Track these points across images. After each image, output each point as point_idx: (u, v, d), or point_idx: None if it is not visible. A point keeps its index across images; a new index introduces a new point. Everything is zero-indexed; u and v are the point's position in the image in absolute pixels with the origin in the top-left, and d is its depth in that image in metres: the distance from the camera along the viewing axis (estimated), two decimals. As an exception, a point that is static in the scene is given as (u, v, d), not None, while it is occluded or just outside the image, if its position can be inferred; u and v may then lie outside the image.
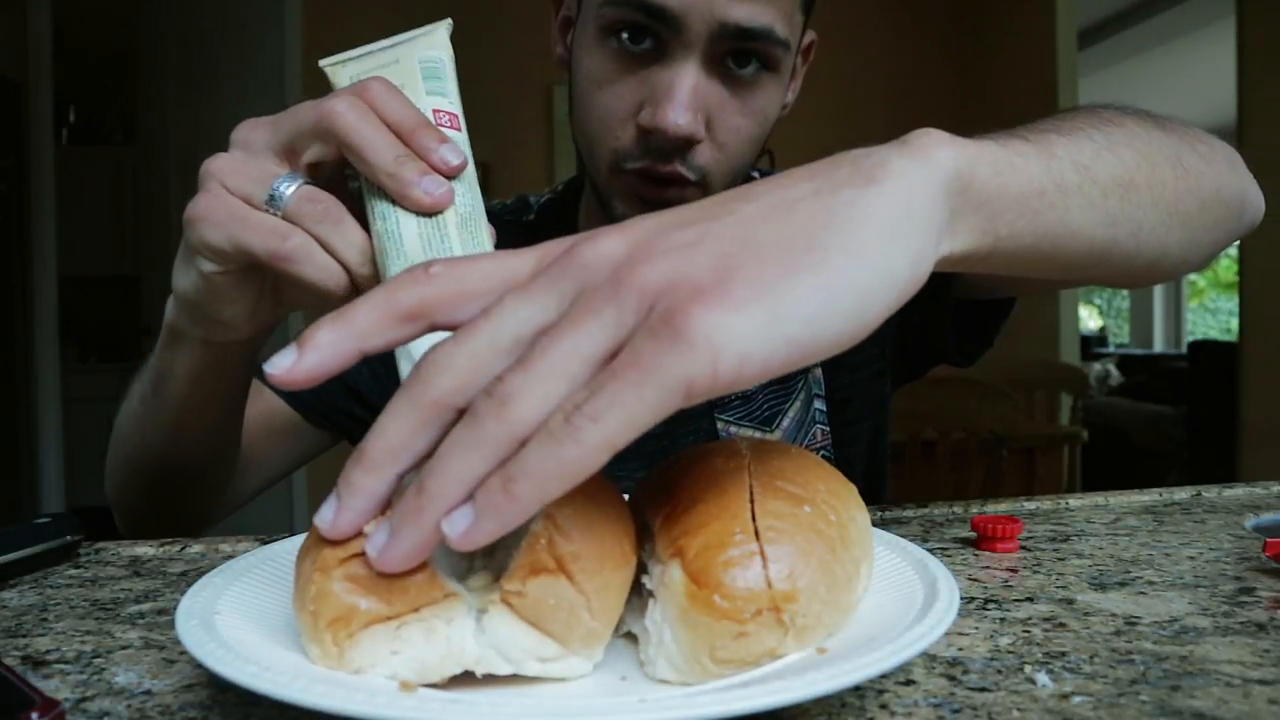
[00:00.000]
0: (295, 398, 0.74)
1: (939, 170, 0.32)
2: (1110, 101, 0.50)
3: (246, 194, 0.45)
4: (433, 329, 0.31)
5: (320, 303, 0.45)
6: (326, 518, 0.30)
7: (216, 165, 0.45)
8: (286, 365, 0.30)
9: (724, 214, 0.30)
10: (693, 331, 0.26)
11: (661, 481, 0.36)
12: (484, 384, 0.28)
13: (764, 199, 0.31)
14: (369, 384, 0.75)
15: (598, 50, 0.62)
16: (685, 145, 0.61)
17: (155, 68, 3.57)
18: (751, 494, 0.33)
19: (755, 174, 0.81)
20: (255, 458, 0.73)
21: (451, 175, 0.44)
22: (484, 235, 0.44)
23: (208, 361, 0.55)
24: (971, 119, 4.01)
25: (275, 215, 0.44)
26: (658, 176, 0.62)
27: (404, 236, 0.42)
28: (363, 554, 0.30)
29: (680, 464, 0.37)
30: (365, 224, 0.44)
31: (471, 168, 0.45)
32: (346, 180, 0.48)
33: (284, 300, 0.50)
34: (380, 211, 0.43)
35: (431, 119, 0.45)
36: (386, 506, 0.30)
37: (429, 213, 0.43)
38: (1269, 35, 2.91)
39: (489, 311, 0.29)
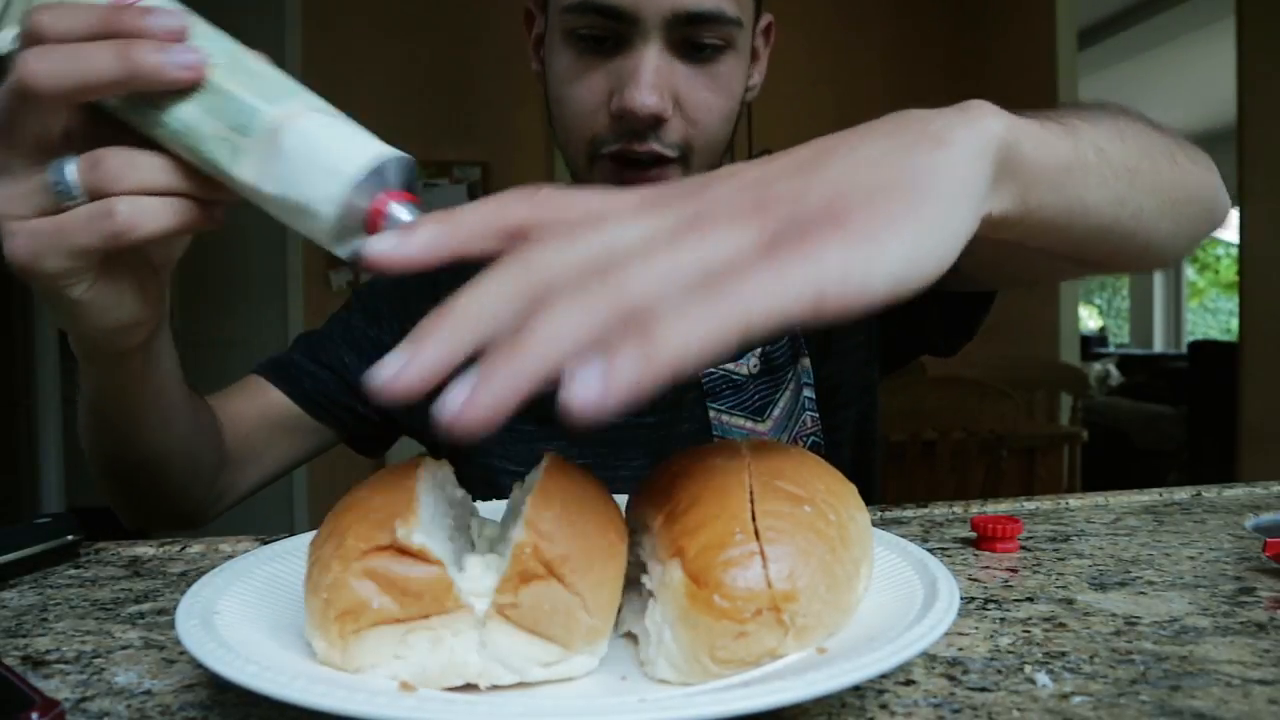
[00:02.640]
0: (298, 391, 0.74)
1: (992, 138, 0.36)
2: (1108, 100, 0.52)
3: (36, 207, 0.41)
4: None
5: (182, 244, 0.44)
6: (393, 366, 0.26)
7: None
8: (397, 251, 0.30)
9: (818, 167, 0.32)
10: (827, 250, 0.27)
11: (661, 481, 0.36)
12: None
13: (849, 157, 0.32)
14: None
15: (565, 51, 0.66)
16: (656, 123, 0.64)
17: (155, 68, 3.56)
18: (751, 494, 0.33)
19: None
20: (254, 451, 0.73)
21: (180, 36, 0.39)
22: (261, 65, 0.40)
23: (128, 372, 0.53)
24: (971, 119, 4.01)
25: (80, 202, 0.40)
26: (634, 157, 0.65)
27: (193, 124, 0.39)
28: (387, 548, 0.30)
29: (680, 464, 0.37)
30: (148, 144, 0.40)
31: (192, 21, 0.40)
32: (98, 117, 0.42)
33: (155, 263, 0.47)
34: (154, 119, 0.39)
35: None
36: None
37: (195, 84, 0.38)
38: (1269, 35, 2.91)
39: (602, 221, 0.30)
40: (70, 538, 0.55)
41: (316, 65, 3.36)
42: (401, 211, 0.38)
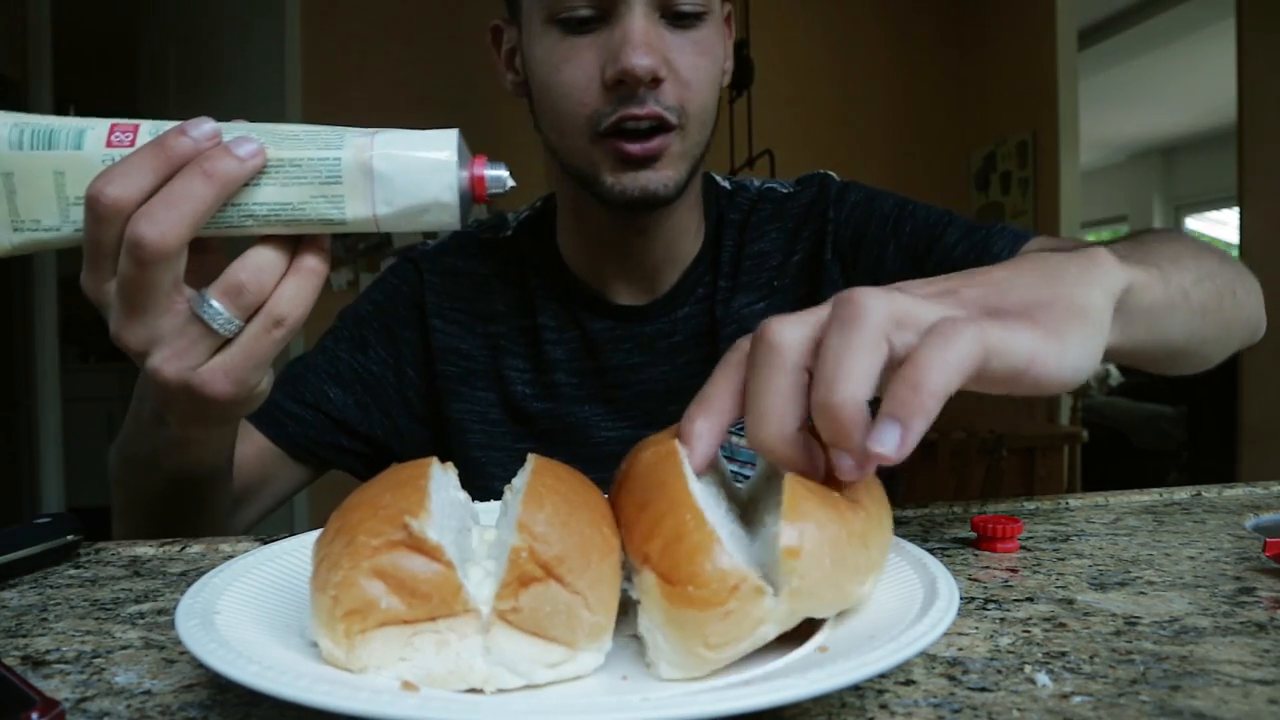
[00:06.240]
0: (281, 435, 0.76)
1: (1117, 285, 0.43)
2: (1180, 234, 0.61)
3: (208, 350, 0.45)
4: None
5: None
6: (690, 433, 0.36)
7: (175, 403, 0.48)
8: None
9: (995, 284, 0.39)
10: (1026, 333, 0.35)
11: (616, 496, 0.36)
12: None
13: (1018, 280, 0.39)
14: (355, 414, 0.78)
15: (548, 37, 0.67)
16: (653, 84, 0.65)
17: (155, 68, 3.57)
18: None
19: (754, 181, 0.84)
20: (255, 490, 0.75)
21: (218, 136, 0.43)
22: (285, 126, 0.45)
23: (232, 431, 0.59)
24: (971, 119, 4.01)
25: (238, 323, 0.45)
26: (637, 124, 0.65)
27: (280, 199, 0.44)
28: (399, 543, 0.30)
29: (624, 472, 0.37)
30: (242, 241, 0.45)
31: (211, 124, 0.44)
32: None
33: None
34: (236, 217, 0.44)
35: (148, 134, 0.44)
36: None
37: (259, 168, 0.43)
38: (1269, 35, 2.91)
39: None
40: (70, 538, 0.55)
41: (317, 65, 3.36)
42: (494, 169, 0.46)
